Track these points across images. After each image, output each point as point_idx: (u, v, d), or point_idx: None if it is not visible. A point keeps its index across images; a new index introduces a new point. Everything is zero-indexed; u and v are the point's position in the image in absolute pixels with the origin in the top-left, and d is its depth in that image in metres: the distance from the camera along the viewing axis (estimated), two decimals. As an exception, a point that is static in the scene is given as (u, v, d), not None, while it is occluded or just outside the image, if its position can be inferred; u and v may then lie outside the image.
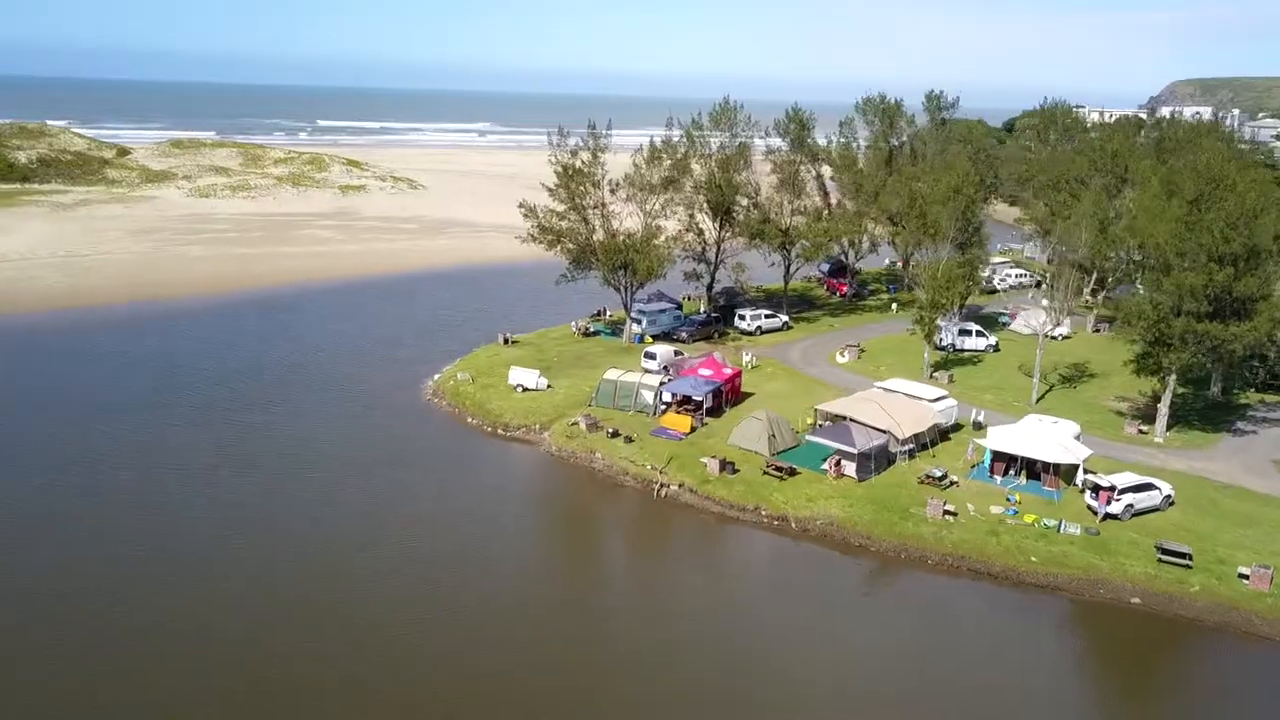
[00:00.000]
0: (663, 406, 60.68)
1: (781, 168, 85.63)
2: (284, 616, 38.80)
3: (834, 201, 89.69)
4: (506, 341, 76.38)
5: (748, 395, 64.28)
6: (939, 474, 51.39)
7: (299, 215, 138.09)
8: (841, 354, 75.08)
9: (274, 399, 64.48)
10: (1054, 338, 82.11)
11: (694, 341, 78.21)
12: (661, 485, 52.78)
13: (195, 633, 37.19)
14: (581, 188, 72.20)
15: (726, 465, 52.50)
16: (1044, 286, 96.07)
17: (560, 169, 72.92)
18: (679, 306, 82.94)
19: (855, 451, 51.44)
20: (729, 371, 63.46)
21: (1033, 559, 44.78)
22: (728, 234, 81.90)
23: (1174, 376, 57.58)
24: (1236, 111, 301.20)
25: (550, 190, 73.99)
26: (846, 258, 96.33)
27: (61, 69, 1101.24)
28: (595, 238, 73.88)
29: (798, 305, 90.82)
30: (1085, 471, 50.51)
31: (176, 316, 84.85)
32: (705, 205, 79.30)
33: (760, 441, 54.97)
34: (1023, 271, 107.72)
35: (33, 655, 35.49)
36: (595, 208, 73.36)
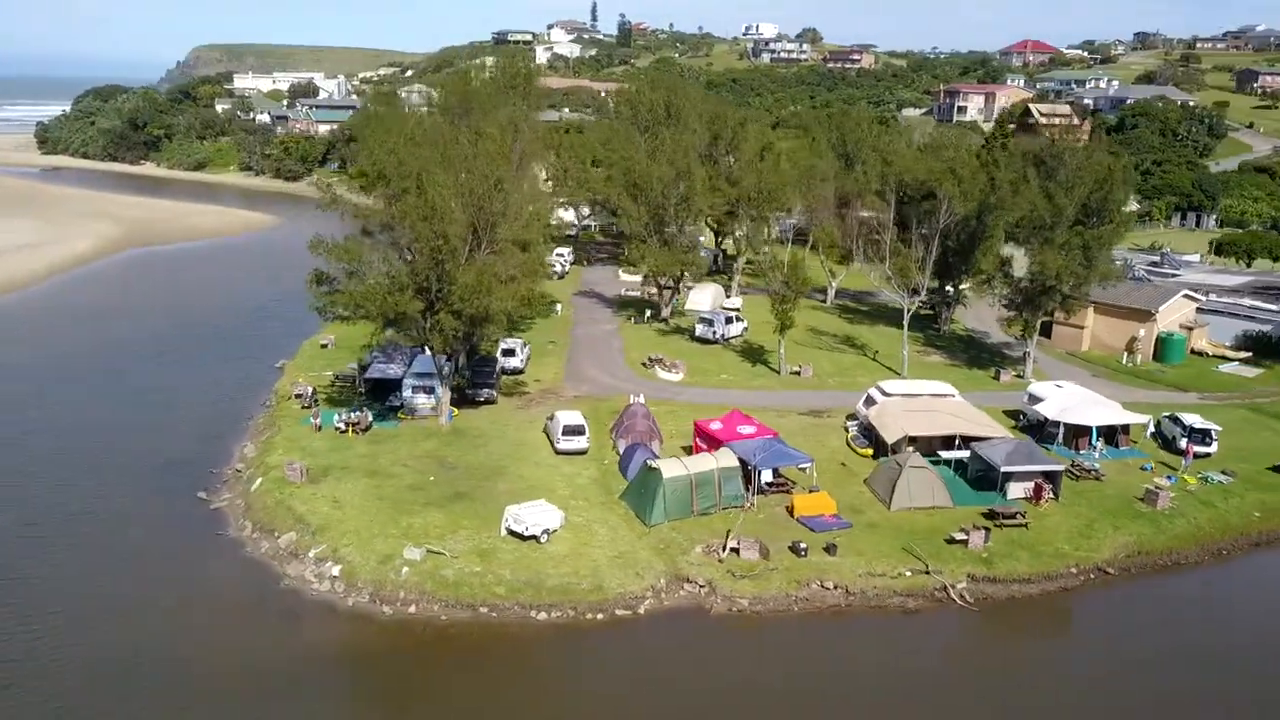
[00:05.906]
0: (746, 497, 43.78)
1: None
2: None
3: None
4: (303, 475, 44.64)
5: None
6: (1092, 466, 48.64)
7: None
8: (669, 370, 62.83)
9: None
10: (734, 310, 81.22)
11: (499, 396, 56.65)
12: (950, 587, 39.01)
13: None
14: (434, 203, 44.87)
15: (983, 532, 41.27)
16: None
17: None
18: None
19: (1061, 470, 45.51)
20: (755, 421, 48.66)
21: (1256, 514, 46.48)
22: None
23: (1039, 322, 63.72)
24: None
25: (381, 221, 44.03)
26: None
27: None
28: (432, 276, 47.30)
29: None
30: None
31: None
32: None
33: (937, 494, 44.55)
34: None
35: None
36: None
